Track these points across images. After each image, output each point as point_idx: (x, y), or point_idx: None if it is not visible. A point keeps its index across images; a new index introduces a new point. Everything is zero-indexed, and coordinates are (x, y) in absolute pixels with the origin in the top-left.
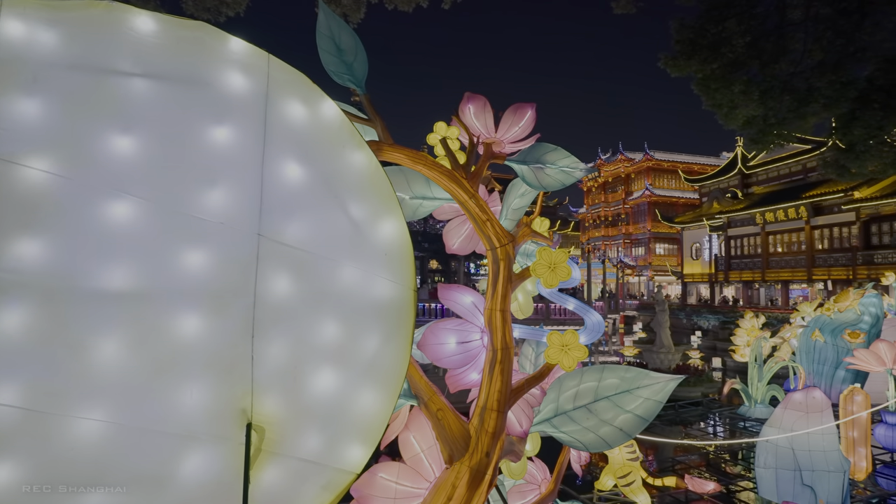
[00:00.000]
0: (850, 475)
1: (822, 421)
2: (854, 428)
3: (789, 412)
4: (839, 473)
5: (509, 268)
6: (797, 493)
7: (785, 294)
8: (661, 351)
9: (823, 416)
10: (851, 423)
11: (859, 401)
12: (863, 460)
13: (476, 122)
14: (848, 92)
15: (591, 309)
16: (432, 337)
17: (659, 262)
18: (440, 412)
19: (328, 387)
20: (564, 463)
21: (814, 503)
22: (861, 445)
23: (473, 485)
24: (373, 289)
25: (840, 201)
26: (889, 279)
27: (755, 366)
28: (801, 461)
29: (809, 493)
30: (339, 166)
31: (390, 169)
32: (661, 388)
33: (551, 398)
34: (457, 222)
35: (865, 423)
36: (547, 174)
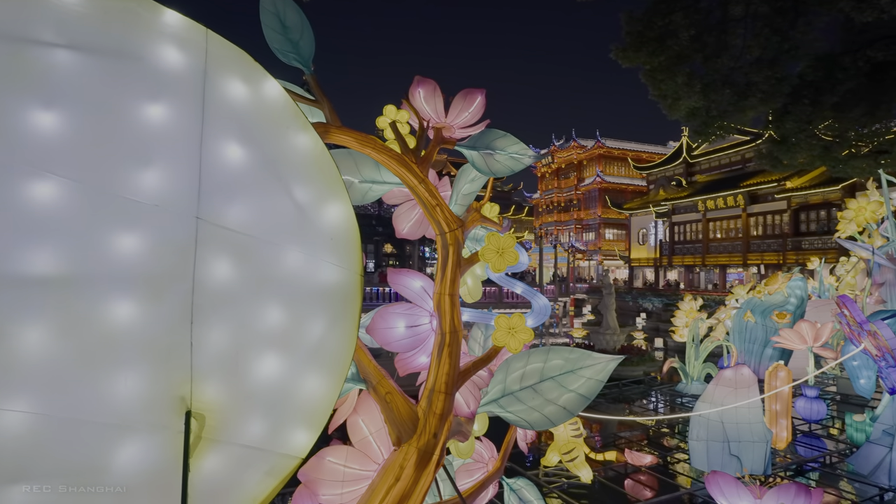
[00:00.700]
0: (773, 445)
1: (749, 396)
2: (777, 401)
3: (720, 388)
4: (762, 443)
5: (458, 252)
6: (725, 462)
7: (723, 278)
8: (608, 332)
9: (750, 391)
10: (775, 398)
11: (782, 376)
12: (784, 431)
13: (426, 106)
14: (782, 87)
15: (538, 293)
16: (381, 321)
17: (608, 246)
18: (388, 395)
19: (272, 372)
20: (511, 442)
21: (740, 471)
22: (783, 417)
23: (421, 465)
24: (318, 273)
25: (773, 190)
26: (814, 264)
27: (692, 345)
28: (730, 433)
29: (736, 463)
30: (282, 148)
31: (338, 152)
32: (602, 367)
33: (499, 379)
34: (406, 207)
35: (787, 396)
36: (496, 160)
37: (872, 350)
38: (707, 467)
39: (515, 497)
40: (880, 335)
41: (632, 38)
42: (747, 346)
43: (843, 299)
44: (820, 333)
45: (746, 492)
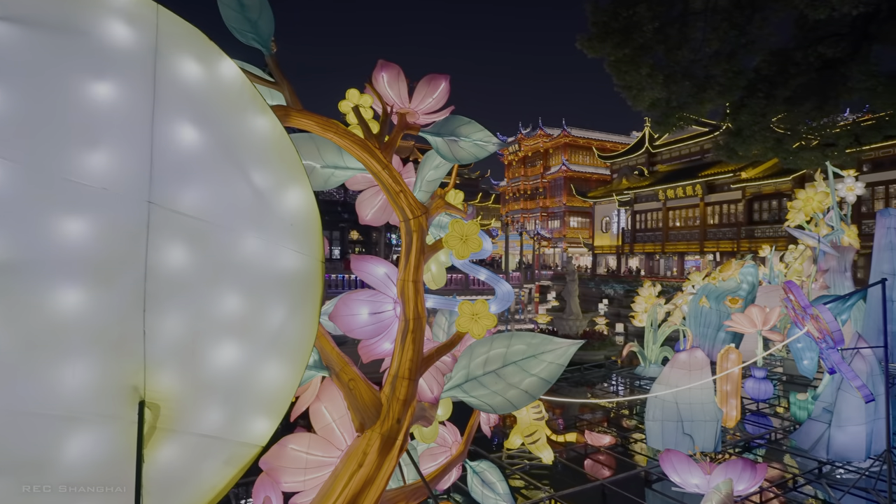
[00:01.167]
0: (723, 423)
1: (702, 377)
2: (728, 382)
3: (675, 371)
4: (714, 422)
5: (422, 239)
6: (679, 441)
7: (681, 265)
8: (571, 318)
9: (703, 373)
10: (726, 379)
11: (733, 359)
12: (734, 410)
13: (390, 91)
14: (739, 80)
15: (501, 279)
16: (344, 308)
17: (573, 234)
18: (352, 382)
19: (230, 360)
20: (475, 426)
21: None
22: (733, 397)
23: (384, 450)
24: (278, 260)
25: (729, 181)
26: (765, 251)
27: (651, 330)
28: (683, 413)
29: (689, 441)
30: (239, 131)
31: (300, 136)
32: (563, 352)
33: (462, 365)
34: (370, 193)
35: (737, 378)
36: (461, 147)
37: (815, 333)
38: (662, 446)
39: (478, 479)
40: (822, 318)
41: (597, 28)
42: (702, 329)
43: (789, 285)
44: (769, 317)
45: (697, 468)
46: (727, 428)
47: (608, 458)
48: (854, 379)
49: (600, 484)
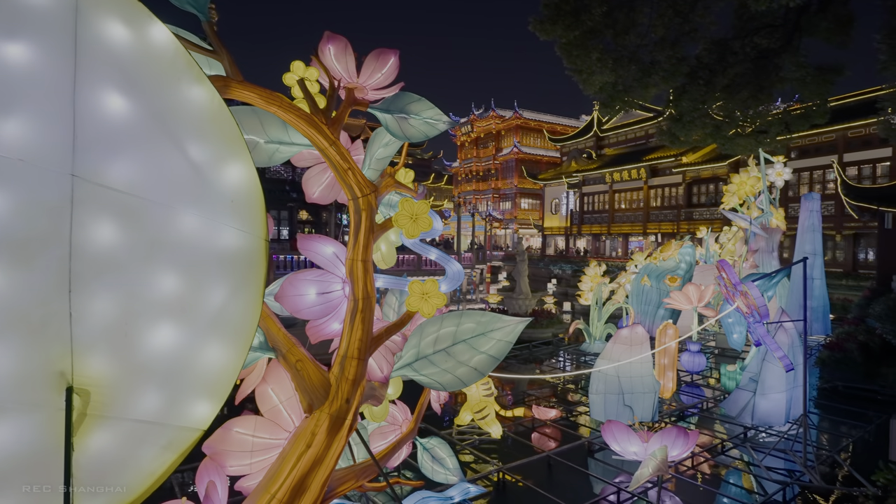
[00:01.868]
0: (660, 394)
1: (642, 352)
2: (665, 356)
3: (617, 346)
4: (651, 394)
5: (371, 218)
6: (620, 412)
7: (625, 245)
8: (520, 297)
9: (643, 347)
10: (664, 353)
11: (670, 334)
12: (670, 382)
13: (337, 64)
14: (681, 67)
15: (452, 259)
16: (291, 288)
17: (523, 215)
18: (299, 363)
19: (167, 343)
20: (424, 404)
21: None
22: (670, 370)
23: (333, 431)
24: (217, 238)
25: (671, 165)
26: (702, 233)
27: (596, 308)
28: (624, 386)
29: (629, 412)
30: (173, 101)
31: (242, 109)
32: (511, 329)
33: (413, 343)
34: (317, 170)
35: (674, 352)
36: (411, 125)
37: (744, 308)
38: (604, 417)
39: (428, 455)
40: (750, 295)
41: (549, 10)
42: (643, 307)
43: (722, 264)
44: (703, 295)
45: (636, 437)
46: (664, 399)
47: (554, 430)
48: (777, 350)
49: (546, 455)
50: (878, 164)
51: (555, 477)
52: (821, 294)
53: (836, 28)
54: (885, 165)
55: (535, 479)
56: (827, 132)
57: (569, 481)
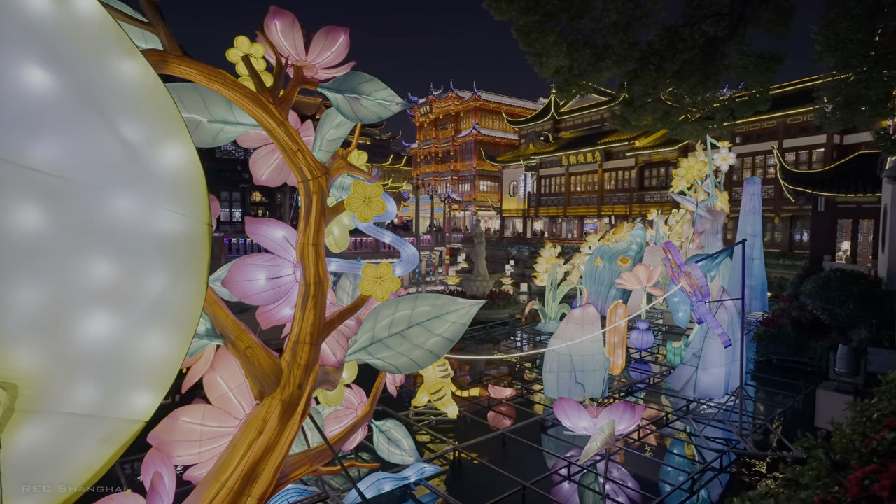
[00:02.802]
0: (610, 371)
1: (593, 331)
2: (615, 334)
3: (570, 325)
4: (602, 371)
5: (322, 201)
6: (571, 389)
7: (581, 227)
8: (478, 279)
9: (594, 327)
10: (614, 331)
11: (620, 313)
12: (620, 359)
13: (284, 41)
14: (633, 52)
15: (406, 242)
16: (239, 273)
17: (483, 198)
18: (249, 350)
19: (103, 333)
20: (380, 387)
21: (582, 396)
22: (619, 348)
23: (285, 417)
24: (155, 222)
25: (625, 149)
26: (653, 215)
27: (551, 289)
28: (576, 364)
29: (580, 389)
30: (102, 76)
31: (183, 86)
32: (466, 312)
33: (368, 327)
34: (265, 151)
35: (623, 330)
36: (363, 105)
37: (687, 288)
38: (557, 395)
39: (384, 437)
40: (693, 275)
41: None
42: (596, 287)
43: (668, 246)
44: (652, 275)
45: (585, 413)
46: (614, 375)
47: (510, 409)
48: (717, 327)
49: (500, 433)
50: (814, 150)
51: (509, 453)
52: (760, 273)
53: (777, 19)
54: (819, 151)
55: (491, 456)
56: (769, 119)
57: (522, 457)
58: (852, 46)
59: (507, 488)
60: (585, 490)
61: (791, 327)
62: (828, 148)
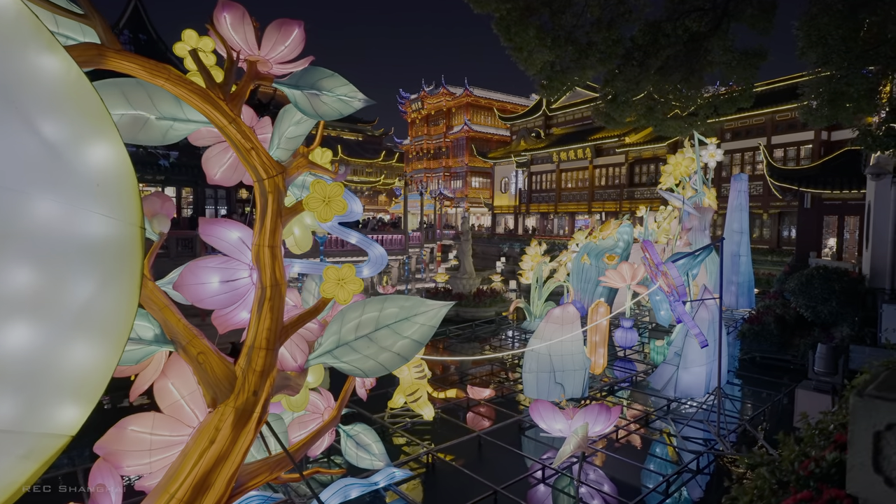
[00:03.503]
0: (592, 371)
1: (573, 330)
2: (597, 333)
3: (549, 325)
4: (582, 371)
5: (278, 201)
6: (551, 390)
7: (571, 224)
8: (464, 277)
9: (574, 326)
10: (595, 330)
11: (602, 311)
12: (601, 358)
13: (234, 34)
14: (617, 49)
15: (373, 242)
16: (191, 277)
17: (474, 194)
18: (201, 356)
19: (22, 343)
20: (349, 390)
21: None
22: (601, 347)
23: (239, 424)
24: (80, 226)
25: (615, 145)
26: (641, 212)
27: (536, 286)
28: (556, 364)
29: (560, 389)
30: (18, 71)
31: (128, 81)
32: (434, 313)
33: (333, 330)
34: (218, 149)
35: (605, 329)
36: (323, 102)
37: (664, 287)
38: (537, 395)
39: (353, 442)
40: (669, 274)
41: None
42: (583, 285)
43: (646, 244)
44: (636, 273)
45: (560, 415)
46: (595, 375)
47: (489, 409)
48: (693, 328)
49: (476, 435)
50: (801, 147)
51: (485, 456)
52: (747, 270)
53: (760, 14)
54: (808, 148)
55: (467, 459)
56: (757, 115)
57: (499, 459)
58: (833, 42)
59: (481, 492)
60: (560, 493)
61: (775, 325)
62: (815, 144)
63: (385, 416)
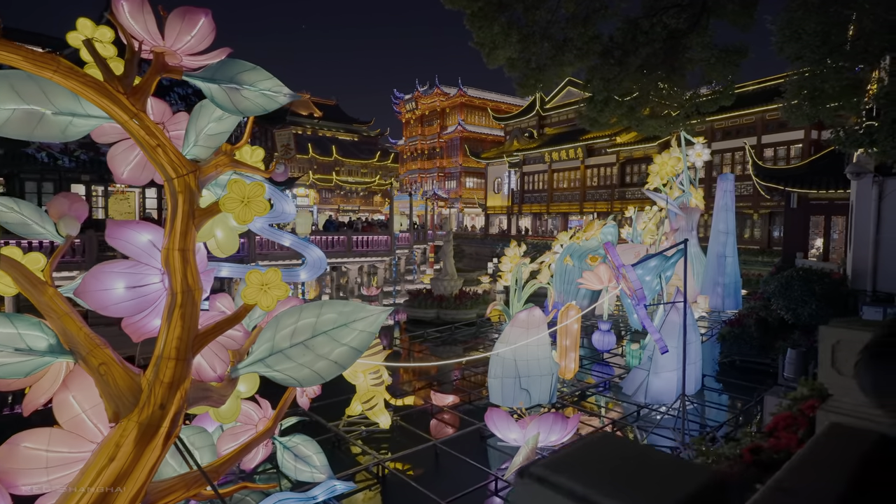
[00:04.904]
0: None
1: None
2: (567, 337)
3: (514, 329)
4: (549, 376)
5: (189, 202)
6: (517, 395)
7: (564, 224)
8: (445, 279)
9: (540, 330)
10: (565, 334)
11: (573, 315)
12: (572, 363)
13: (134, 24)
14: (594, 46)
15: (310, 245)
16: (94, 282)
17: (468, 195)
18: (103, 367)
19: None
20: (289, 399)
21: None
22: (572, 351)
23: (143, 440)
24: None
25: (606, 145)
26: (630, 212)
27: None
28: (521, 369)
29: (526, 395)
30: None
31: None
32: (374, 319)
33: (267, 337)
34: (123, 146)
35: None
36: (244, 97)
37: (626, 290)
38: (502, 402)
39: (290, 454)
40: (628, 278)
41: None
42: (566, 287)
43: (607, 246)
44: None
45: (515, 424)
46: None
47: (453, 416)
48: (654, 332)
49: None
50: (791, 146)
51: (443, 466)
52: (733, 271)
53: (741, 10)
54: (797, 147)
55: (424, 468)
56: (747, 114)
57: (456, 470)
58: (807, 37)
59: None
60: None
61: (756, 327)
62: (805, 143)
63: (341, 424)
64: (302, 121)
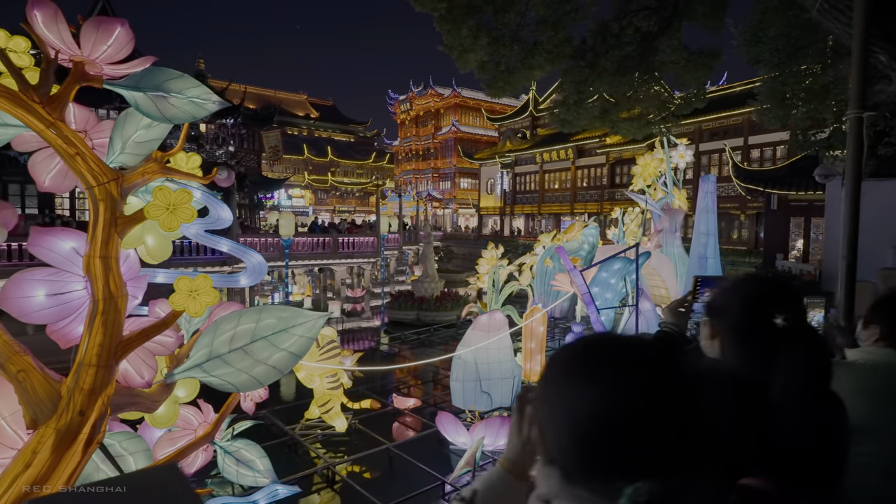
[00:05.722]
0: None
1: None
2: (532, 340)
3: (475, 332)
4: (510, 379)
5: (111, 209)
6: (478, 399)
7: (557, 225)
8: (426, 281)
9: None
10: (530, 336)
11: (539, 317)
12: (538, 366)
13: (49, 34)
14: (565, 49)
15: (250, 250)
16: (15, 290)
17: (463, 195)
18: (21, 374)
19: None
20: (232, 404)
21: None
22: (538, 353)
23: (61, 447)
24: None
25: (596, 146)
26: (616, 213)
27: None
28: (482, 372)
29: (487, 398)
30: None
31: None
32: (312, 325)
33: (205, 342)
34: (44, 154)
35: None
36: (172, 104)
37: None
38: (464, 404)
39: (232, 459)
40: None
41: None
42: (546, 288)
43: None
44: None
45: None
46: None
47: (415, 420)
48: None
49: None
50: (777, 147)
51: (397, 470)
52: (714, 272)
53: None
54: (782, 148)
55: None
56: (734, 115)
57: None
58: (766, 40)
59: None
60: None
61: None
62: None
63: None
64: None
